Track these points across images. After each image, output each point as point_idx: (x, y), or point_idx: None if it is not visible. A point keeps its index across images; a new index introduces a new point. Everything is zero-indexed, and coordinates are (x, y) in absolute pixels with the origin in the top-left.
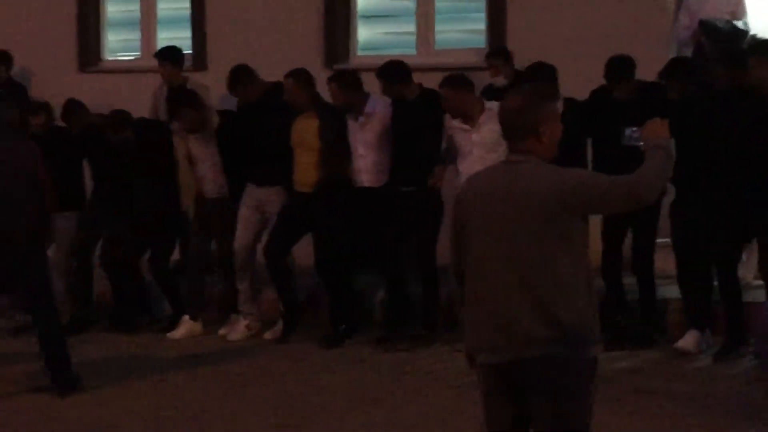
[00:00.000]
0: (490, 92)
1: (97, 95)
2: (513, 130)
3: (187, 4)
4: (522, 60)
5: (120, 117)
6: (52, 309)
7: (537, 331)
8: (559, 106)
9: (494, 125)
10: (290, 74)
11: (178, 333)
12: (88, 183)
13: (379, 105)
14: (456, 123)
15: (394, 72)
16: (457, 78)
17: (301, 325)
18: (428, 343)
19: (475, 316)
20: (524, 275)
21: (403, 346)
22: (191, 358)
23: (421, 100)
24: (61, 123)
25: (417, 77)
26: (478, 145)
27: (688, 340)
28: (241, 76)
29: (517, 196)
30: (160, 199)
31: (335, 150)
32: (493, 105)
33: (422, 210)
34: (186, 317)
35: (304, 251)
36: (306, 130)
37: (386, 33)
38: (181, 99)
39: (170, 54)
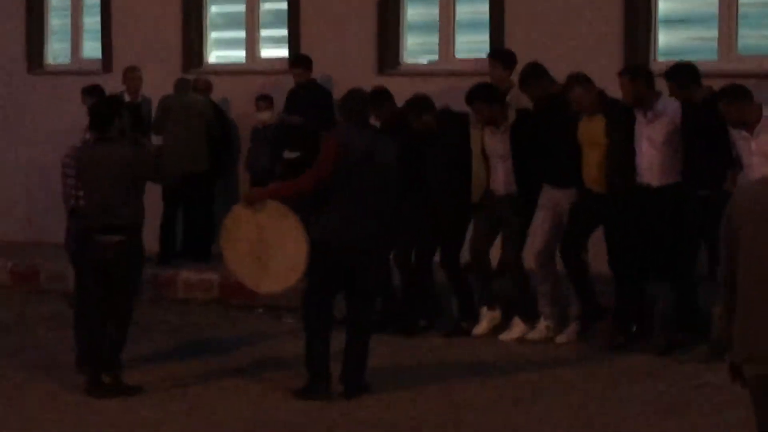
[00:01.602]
0: None
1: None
2: None
3: (486, 8)
4: None
5: (423, 100)
6: (373, 310)
7: None
8: None
9: None
10: (571, 81)
11: (481, 328)
12: None
13: (670, 105)
14: (736, 131)
15: (682, 74)
16: (732, 88)
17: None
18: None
19: (745, 325)
20: None
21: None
22: (477, 364)
23: (710, 104)
24: None
25: (719, 83)
26: (756, 153)
27: None
28: (530, 74)
29: None
30: (455, 191)
31: (622, 147)
32: None
33: (717, 215)
34: (484, 309)
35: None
36: (593, 128)
37: (688, 38)
38: (477, 92)
39: (503, 55)
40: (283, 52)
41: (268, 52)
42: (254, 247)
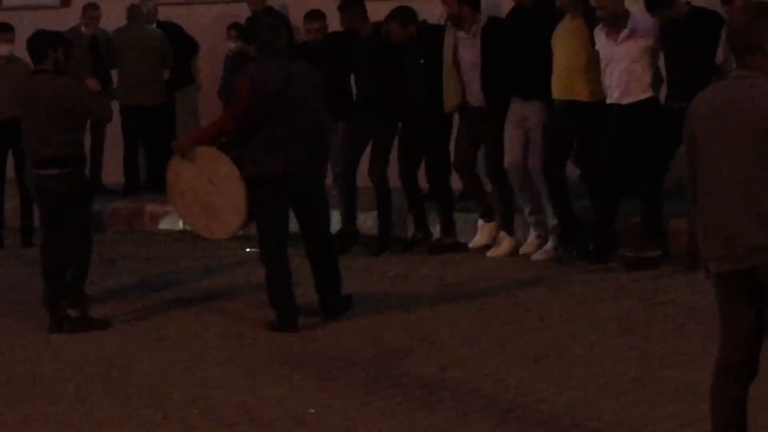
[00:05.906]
0: None
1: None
2: (739, 47)
3: None
4: None
5: (407, 11)
6: (327, 233)
7: (759, 242)
8: None
9: None
10: None
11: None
12: None
13: (641, 22)
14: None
15: None
16: None
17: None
18: (691, 269)
19: (704, 227)
20: (746, 190)
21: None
22: (449, 286)
23: (691, 17)
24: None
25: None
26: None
27: None
28: None
29: (740, 112)
30: (434, 102)
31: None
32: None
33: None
34: (480, 222)
35: None
36: (567, 32)
37: None
38: None
39: None
40: None
41: None
42: (198, 196)
